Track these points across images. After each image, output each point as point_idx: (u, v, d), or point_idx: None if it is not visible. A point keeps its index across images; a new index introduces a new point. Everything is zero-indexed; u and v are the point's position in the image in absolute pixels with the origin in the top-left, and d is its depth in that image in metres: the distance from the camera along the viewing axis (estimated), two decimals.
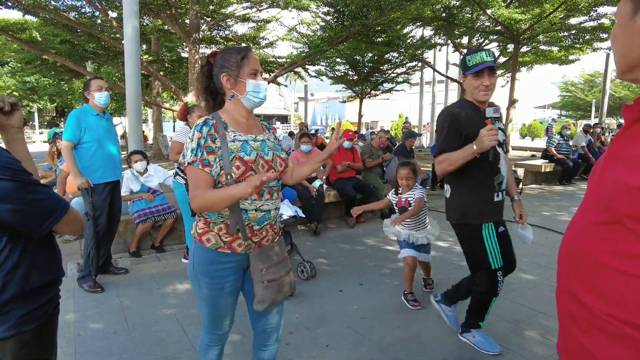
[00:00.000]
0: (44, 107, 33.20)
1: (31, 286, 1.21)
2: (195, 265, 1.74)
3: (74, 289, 3.66)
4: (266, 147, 1.75)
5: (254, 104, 1.75)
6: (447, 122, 2.43)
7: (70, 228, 1.26)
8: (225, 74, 1.70)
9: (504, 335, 2.94)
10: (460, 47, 13.47)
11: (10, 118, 1.34)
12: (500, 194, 2.53)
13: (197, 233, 1.73)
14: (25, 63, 12.74)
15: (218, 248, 1.68)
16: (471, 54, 2.42)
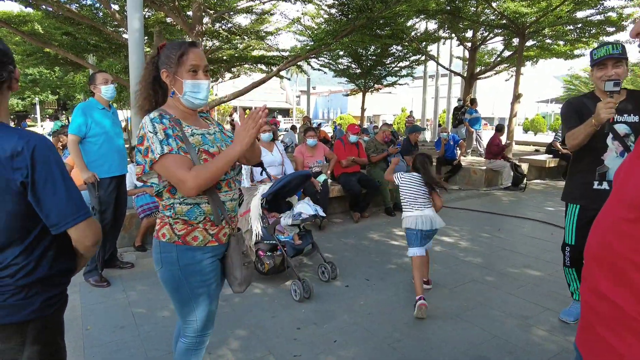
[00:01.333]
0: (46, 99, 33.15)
1: (57, 269, 1.28)
2: (183, 270, 1.67)
3: (80, 283, 3.66)
4: (218, 139, 1.75)
5: (194, 105, 1.70)
6: (564, 109, 2.80)
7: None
8: (165, 69, 1.66)
9: (511, 331, 2.92)
10: (464, 41, 13.34)
11: None
12: (604, 183, 2.66)
13: (176, 236, 1.65)
14: (26, 55, 12.67)
15: (207, 243, 1.68)
16: (597, 48, 2.57)
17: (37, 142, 1.17)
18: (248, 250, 1.86)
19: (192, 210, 1.65)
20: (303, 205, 3.84)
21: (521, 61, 10.59)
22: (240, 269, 1.76)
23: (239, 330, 2.92)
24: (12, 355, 1.20)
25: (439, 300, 3.41)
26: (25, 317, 1.21)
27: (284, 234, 3.83)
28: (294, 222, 3.73)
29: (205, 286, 1.73)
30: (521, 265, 4.16)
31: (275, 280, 3.79)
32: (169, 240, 1.66)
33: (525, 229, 5.56)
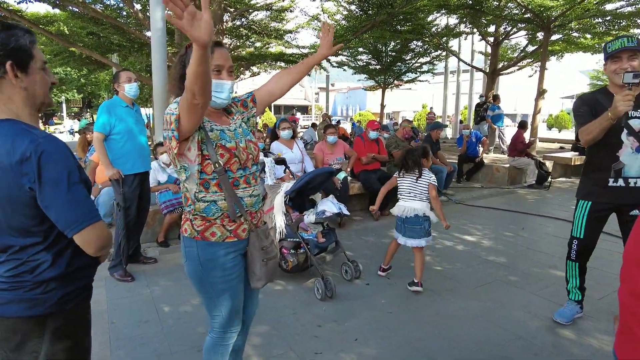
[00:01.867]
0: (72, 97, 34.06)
1: (75, 266, 1.29)
2: (203, 264, 1.71)
3: (105, 277, 3.74)
4: (239, 135, 1.76)
5: (216, 104, 1.72)
6: (576, 104, 2.73)
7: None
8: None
9: (537, 332, 2.86)
10: (486, 36, 13.08)
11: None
12: (620, 180, 2.61)
13: (195, 232, 1.69)
14: (53, 55, 13.04)
15: (225, 239, 1.70)
16: (612, 41, 2.52)
17: (46, 148, 1.17)
18: (272, 246, 1.84)
19: (209, 208, 1.68)
20: (327, 203, 3.82)
21: (546, 56, 10.32)
22: (259, 264, 1.76)
23: (260, 326, 2.94)
24: (33, 347, 1.23)
25: (461, 300, 3.36)
26: (43, 311, 1.23)
27: (307, 232, 3.81)
28: (317, 220, 3.72)
29: (226, 282, 1.73)
30: (546, 266, 4.06)
31: (297, 278, 3.80)
32: (189, 235, 1.71)
33: (550, 228, 5.42)
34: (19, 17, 8.51)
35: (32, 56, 1.24)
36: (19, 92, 1.24)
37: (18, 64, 1.21)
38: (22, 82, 1.23)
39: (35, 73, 1.25)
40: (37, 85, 1.26)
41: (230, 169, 1.68)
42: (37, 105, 1.29)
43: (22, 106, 1.25)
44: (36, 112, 1.30)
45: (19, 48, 1.20)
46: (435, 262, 4.19)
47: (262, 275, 1.78)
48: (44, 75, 1.28)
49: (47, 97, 1.31)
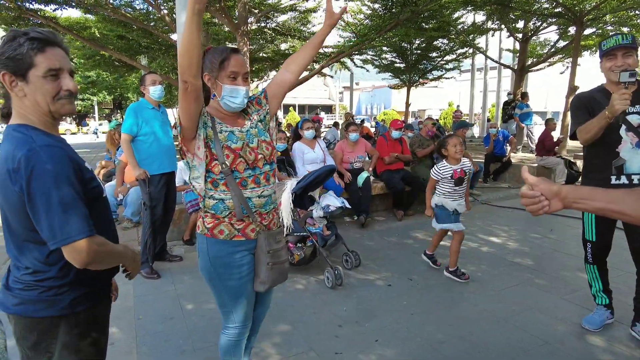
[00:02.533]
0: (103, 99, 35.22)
1: (90, 273, 1.30)
2: (212, 261, 1.76)
3: None
4: (251, 135, 1.79)
5: (231, 108, 1.78)
6: (573, 103, 2.73)
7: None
8: (207, 73, 1.75)
9: (565, 338, 2.77)
10: (514, 32, 12.75)
11: None
12: (623, 177, 2.55)
13: (206, 229, 1.75)
14: (86, 59, 13.51)
15: (233, 237, 1.74)
16: (607, 39, 2.53)
17: (38, 160, 1.16)
18: (281, 251, 1.84)
19: (217, 205, 1.74)
20: (330, 198, 4.04)
21: (578, 51, 9.98)
22: (263, 267, 1.78)
23: (281, 325, 2.97)
24: (46, 347, 1.28)
25: (485, 303, 3.30)
26: (57, 313, 1.27)
27: (314, 226, 3.98)
28: (324, 214, 3.94)
29: (235, 279, 1.78)
30: (574, 269, 3.93)
31: (318, 276, 3.81)
32: (201, 232, 1.78)
33: (580, 230, 5.21)
34: (55, 23, 8.86)
35: (31, 64, 1.21)
36: (21, 101, 1.25)
37: (15, 73, 1.21)
38: (20, 91, 1.23)
39: (36, 81, 1.23)
40: (37, 93, 1.24)
41: (237, 169, 1.71)
42: (46, 113, 1.27)
43: (31, 112, 1.26)
44: (50, 118, 1.29)
45: (14, 57, 1.19)
46: (459, 263, 4.11)
47: (265, 279, 1.79)
48: (48, 83, 1.24)
49: (54, 105, 1.27)
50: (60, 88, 1.27)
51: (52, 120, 1.30)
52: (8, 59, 1.19)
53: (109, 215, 1.46)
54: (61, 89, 1.27)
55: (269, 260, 1.77)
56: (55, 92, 1.25)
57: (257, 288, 1.83)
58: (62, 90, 1.27)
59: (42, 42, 1.23)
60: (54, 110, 1.27)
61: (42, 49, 1.22)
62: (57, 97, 1.26)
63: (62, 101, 1.28)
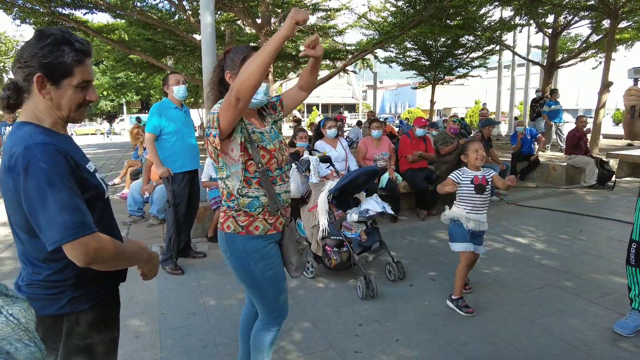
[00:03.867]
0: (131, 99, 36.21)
1: (90, 274, 1.27)
2: (249, 255, 1.82)
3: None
4: (273, 137, 1.87)
5: (252, 104, 1.84)
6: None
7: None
8: (229, 71, 1.82)
9: (594, 344, 2.67)
10: (544, 27, 12.36)
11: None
12: None
13: (240, 227, 1.80)
14: (116, 62, 13.92)
15: (267, 232, 1.84)
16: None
17: (32, 160, 1.14)
18: (300, 238, 1.99)
19: (252, 203, 1.80)
20: (370, 202, 3.80)
21: (612, 45, 9.58)
22: (295, 256, 1.91)
23: (302, 323, 2.97)
24: (51, 344, 1.28)
25: (510, 305, 3.21)
26: (57, 311, 1.27)
27: (350, 231, 3.78)
28: (360, 218, 3.70)
29: (272, 269, 1.87)
30: (606, 272, 3.79)
31: (340, 276, 3.80)
32: (233, 231, 1.82)
33: (613, 232, 5.04)
34: (85, 27, 9.16)
35: (69, 73, 1.24)
36: (43, 101, 1.24)
37: (50, 77, 1.22)
38: (47, 94, 1.24)
39: (67, 89, 1.25)
40: (64, 100, 1.26)
41: (270, 168, 1.80)
42: (62, 117, 1.29)
43: (45, 115, 1.26)
44: (62, 122, 1.30)
45: (57, 65, 1.21)
46: (483, 264, 4.03)
47: (298, 265, 1.94)
48: (77, 93, 1.27)
49: (75, 113, 1.30)
50: (85, 98, 1.30)
51: (64, 122, 1.31)
52: (49, 64, 1.20)
53: (110, 218, 1.43)
54: (85, 99, 1.30)
55: (298, 247, 1.92)
56: (81, 101, 1.29)
57: (294, 275, 1.95)
58: (86, 100, 1.31)
59: (84, 53, 1.26)
60: (73, 116, 1.30)
61: (82, 61, 1.25)
62: (80, 106, 1.30)
63: (81, 109, 1.31)
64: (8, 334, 0.58)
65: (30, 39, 1.23)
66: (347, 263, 3.64)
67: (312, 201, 3.83)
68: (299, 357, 2.57)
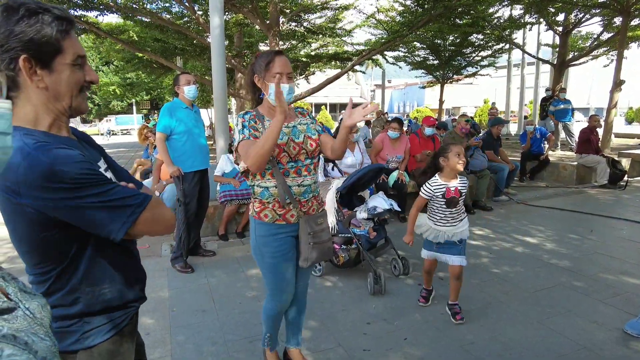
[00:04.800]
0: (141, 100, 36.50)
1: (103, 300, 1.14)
2: (257, 239, 2.07)
3: (167, 268, 3.99)
4: (297, 131, 2.03)
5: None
6: None
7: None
8: (256, 75, 2.00)
9: (604, 344, 2.65)
10: (554, 25, 12.24)
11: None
12: None
13: (255, 212, 2.06)
14: (125, 62, 14.05)
15: (275, 221, 2.02)
16: None
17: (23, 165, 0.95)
18: (323, 233, 2.09)
19: (263, 192, 2.02)
20: (378, 199, 3.83)
21: (624, 43, 9.46)
22: (305, 247, 2.04)
23: (310, 321, 2.99)
24: None
25: (518, 304, 3.20)
26: (66, 348, 1.09)
27: (359, 228, 3.83)
28: (369, 215, 3.75)
29: (273, 257, 2.05)
30: (617, 272, 3.75)
31: (348, 274, 3.82)
32: (252, 214, 2.09)
33: (624, 232, 4.99)
34: (97, 28, 9.27)
35: (59, 49, 1.00)
36: (37, 93, 1.02)
37: (38, 59, 0.98)
38: (41, 82, 1.00)
39: (62, 69, 1.02)
40: (62, 85, 1.03)
41: (280, 161, 1.97)
42: (64, 110, 1.07)
43: (43, 111, 1.04)
44: (64, 117, 1.09)
45: (40, 39, 0.96)
46: (492, 264, 4.02)
47: (307, 257, 2.05)
48: (75, 72, 1.05)
49: (76, 100, 1.08)
50: (84, 79, 1.08)
51: (67, 120, 1.11)
52: (31, 41, 0.95)
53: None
54: (84, 80, 1.08)
55: (310, 240, 2.03)
56: (81, 83, 1.07)
57: (300, 264, 2.09)
58: (85, 82, 1.09)
59: (69, 23, 1.02)
60: (75, 105, 1.08)
61: (69, 32, 1.02)
62: (82, 89, 1.09)
63: (82, 95, 1.10)
64: (25, 327, 0.60)
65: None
66: (355, 260, 3.67)
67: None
68: (307, 355, 2.59)
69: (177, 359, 2.59)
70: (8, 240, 4.65)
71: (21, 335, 0.58)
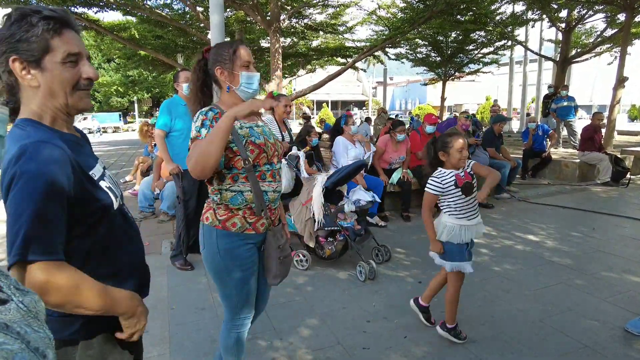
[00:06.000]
0: (142, 97, 36.54)
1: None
2: (221, 252, 1.77)
3: (167, 266, 3.98)
4: (267, 132, 1.87)
5: (249, 95, 1.83)
6: None
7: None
8: (219, 67, 1.79)
9: (607, 343, 2.63)
10: (557, 22, 12.16)
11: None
12: None
13: (217, 221, 1.76)
14: (127, 59, 14.04)
15: (244, 230, 1.77)
16: None
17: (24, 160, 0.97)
18: (286, 244, 1.90)
19: (235, 198, 1.75)
20: (360, 193, 4.07)
21: (628, 39, 9.37)
22: (275, 262, 1.83)
23: (309, 319, 2.98)
24: None
25: (520, 302, 3.18)
26: (67, 337, 1.11)
27: (346, 220, 3.97)
28: (355, 208, 3.94)
29: (242, 271, 1.80)
30: (620, 270, 3.72)
31: (348, 270, 3.80)
32: (210, 224, 1.78)
33: (627, 230, 4.95)
34: (97, 26, 9.24)
35: (47, 49, 1.03)
36: (33, 92, 1.07)
37: (28, 59, 1.02)
38: (33, 81, 1.05)
39: (52, 67, 1.05)
40: (54, 82, 1.06)
41: (259, 163, 1.76)
42: (61, 107, 1.10)
43: (43, 107, 1.08)
44: (65, 114, 1.12)
45: (27, 39, 1.01)
46: (493, 262, 4.00)
47: (278, 273, 1.85)
48: (67, 70, 1.07)
49: (72, 97, 1.09)
50: (80, 76, 1.09)
51: (66, 116, 1.13)
52: (19, 41, 1.01)
53: (123, 231, 1.22)
54: (81, 77, 1.09)
55: (280, 254, 1.82)
56: (75, 80, 1.08)
57: (272, 282, 1.88)
58: (82, 79, 1.10)
59: (59, 22, 1.05)
60: (72, 103, 1.10)
61: (59, 31, 1.05)
62: (77, 87, 1.09)
63: (80, 93, 1.11)
64: (18, 319, 0.58)
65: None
66: (342, 252, 3.81)
67: (305, 195, 3.94)
68: (306, 353, 2.58)
69: (176, 357, 2.58)
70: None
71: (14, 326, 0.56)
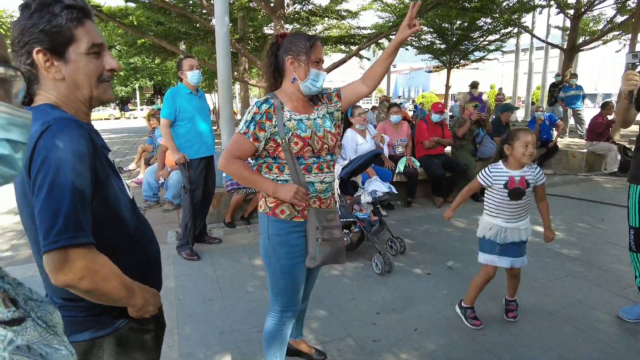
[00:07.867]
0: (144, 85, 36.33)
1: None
2: (271, 238, 1.84)
3: (173, 256, 3.96)
4: (318, 125, 1.84)
5: (310, 91, 1.85)
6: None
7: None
8: (291, 56, 1.79)
9: (619, 337, 2.61)
10: (565, 8, 11.94)
11: None
12: None
13: (268, 208, 1.84)
14: (128, 46, 13.88)
15: (293, 218, 1.82)
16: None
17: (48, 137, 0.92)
18: (333, 230, 1.85)
19: None
20: (376, 184, 4.00)
21: (638, 26, 9.21)
22: (313, 243, 1.82)
23: (319, 311, 2.96)
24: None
25: (529, 295, 3.15)
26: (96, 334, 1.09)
27: (361, 212, 3.93)
28: (372, 199, 3.89)
29: (290, 258, 1.84)
30: (629, 262, 3.66)
31: (357, 263, 3.78)
32: (263, 211, 1.87)
33: None
34: (98, 11, 9.11)
35: (72, 38, 1.00)
36: (56, 85, 1.03)
37: (52, 50, 0.99)
38: (58, 73, 1.01)
39: (78, 59, 1.02)
40: (79, 74, 1.03)
41: (303, 155, 1.79)
42: (84, 100, 1.07)
43: (65, 99, 1.04)
44: (86, 108, 1.09)
45: (52, 31, 0.98)
46: None
47: (314, 255, 1.82)
48: (92, 61, 1.04)
49: (97, 89, 1.07)
50: (104, 67, 1.07)
51: (88, 109, 1.10)
52: (42, 32, 0.97)
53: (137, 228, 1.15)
54: (104, 69, 1.07)
55: (319, 236, 1.80)
56: (99, 72, 1.06)
57: (308, 264, 1.87)
58: (105, 70, 1.08)
59: (81, 11, 1.02)
60: (96, 95, 1.07)
61: (82, 21, 1.02)
62: (100, 78, 1.07)
63: (104, 84, 1.09)
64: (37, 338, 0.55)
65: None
66: (356, 244, 3.79)
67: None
68: (316, 345, 2.56)
69: (185, 349, 2.57)
70: (12, 229, 4.60)
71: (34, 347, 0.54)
